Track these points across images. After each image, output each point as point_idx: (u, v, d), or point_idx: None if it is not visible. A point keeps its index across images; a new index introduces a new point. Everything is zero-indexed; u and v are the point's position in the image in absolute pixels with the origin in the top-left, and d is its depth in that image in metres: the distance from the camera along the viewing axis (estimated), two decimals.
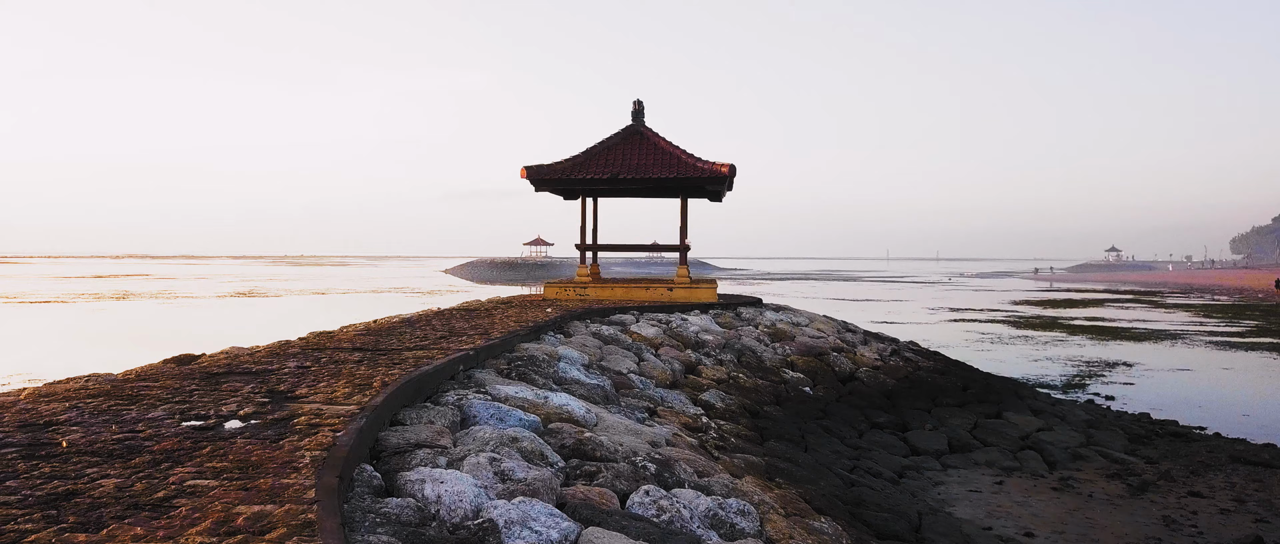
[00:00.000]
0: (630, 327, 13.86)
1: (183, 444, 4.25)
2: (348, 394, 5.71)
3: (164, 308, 45.63)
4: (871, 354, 15.65)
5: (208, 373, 6.82)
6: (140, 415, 5.04)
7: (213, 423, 4.82)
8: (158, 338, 30.54)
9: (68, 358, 24.54)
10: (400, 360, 7.57)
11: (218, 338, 29.74)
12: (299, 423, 4.80)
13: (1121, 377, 23.50)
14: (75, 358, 24.55)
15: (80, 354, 25.80)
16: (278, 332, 32.53)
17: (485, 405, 6.31)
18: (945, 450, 12.58)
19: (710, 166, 16.67)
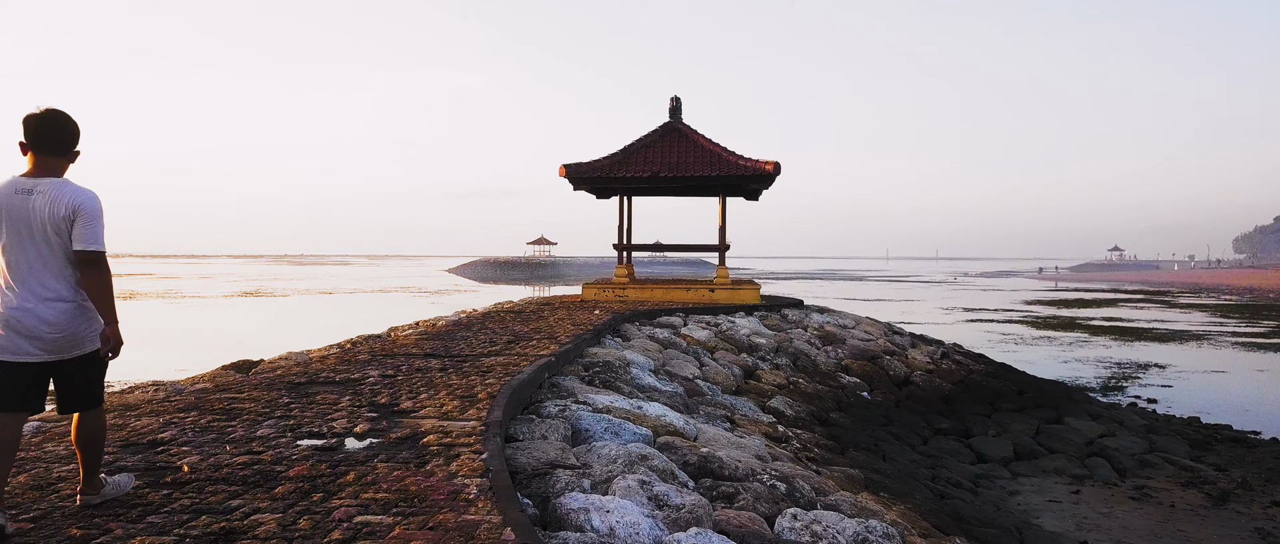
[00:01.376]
0: (681, 329, 13.45)
1: (318, 469, 3.83)
2: (461, 408, 5.30)
3: (173, 308, 45.21)
4: (923, 357, 15.25)
5: (290, 383, 6.41)
6: (248, 433, 4.62)
7: (333, 442, 4.41)
8: (176, 339, 30.10)
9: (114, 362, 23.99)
10: (483, 368, 7.16)
11: (236, 339, 29.26)
12: (429, 443, 4.39)
13: (1157, 379, 23.09)
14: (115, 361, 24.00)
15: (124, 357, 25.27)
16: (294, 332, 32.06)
17: (595, 418, 5.89)
18: (1012, 457, 12.18)
19: (755, 164, 16.26)
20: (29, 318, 3.25)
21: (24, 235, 3.27)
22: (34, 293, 3.27)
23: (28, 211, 3.27)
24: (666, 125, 17.91)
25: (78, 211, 3.29)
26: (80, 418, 3.49)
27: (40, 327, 3.26)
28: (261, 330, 33.79)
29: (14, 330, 3.25)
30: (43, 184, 3.30)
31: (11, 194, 3.29)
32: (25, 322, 3.25)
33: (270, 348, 25.47)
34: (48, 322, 3.27)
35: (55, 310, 3.29)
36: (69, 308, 3.32)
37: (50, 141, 3.34)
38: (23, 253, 3.28)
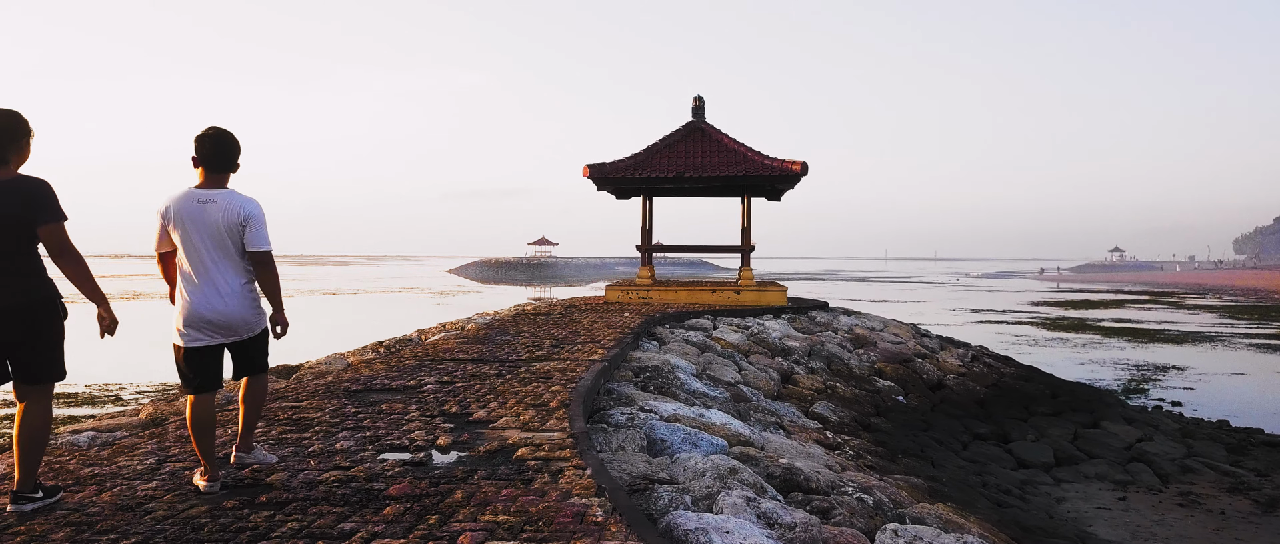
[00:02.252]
0: (712, 332, 13.23)
1: (419, 486, 3.61)
2: (539, 418, 5.08)
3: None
4: (953, 360, 15.05)
5: (348, 391, 6.20)
6: (326, 446, 4.41)
7: (421, 456, 4.19)
8: None
9: (108, 363, 23.83)
10: (540, 373, 6.95)
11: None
12: (523, 456, 4.18)
13: (1178, 381, 22.88)
14: (116, 363, 23.84)
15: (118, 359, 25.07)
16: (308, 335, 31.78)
17: (669, 428, 5.67)
18: (1053, 463, 11.97)
19: (781, 164, 16.05)
20: (211, 309, 3.85)
21: (203, 239, 3.85)
22: (217, 287, 3.86)
23: (205, 218, 3.85)
24: (689, 125, 17.69)
25: (248, 219, 3.90)
26: (249, 381, 4.14)
27: (220, 316, 3.86)
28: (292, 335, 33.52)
29: (201, 320, 3.86)
30: (216, 195, 3.89)
31: (191, 203, 3.87)
32: (209, 313, 3.85)
33: (291, 351, 25.27)
34: (226, 312, 3.86)
35: (230, 301, 3.88)
36: (241, 299, 3.91)
37: (218, 159, 3.94)
38: (203, 254, 3.85)
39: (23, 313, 3.49)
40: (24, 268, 3.51)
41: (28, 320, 3.51)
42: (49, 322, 3.60)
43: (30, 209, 3.47)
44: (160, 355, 25.58)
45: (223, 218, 3.86)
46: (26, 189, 3.50)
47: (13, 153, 3.53)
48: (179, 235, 3.88)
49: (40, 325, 3.56)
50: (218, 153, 3.93)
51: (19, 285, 3.49)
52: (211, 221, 3.85)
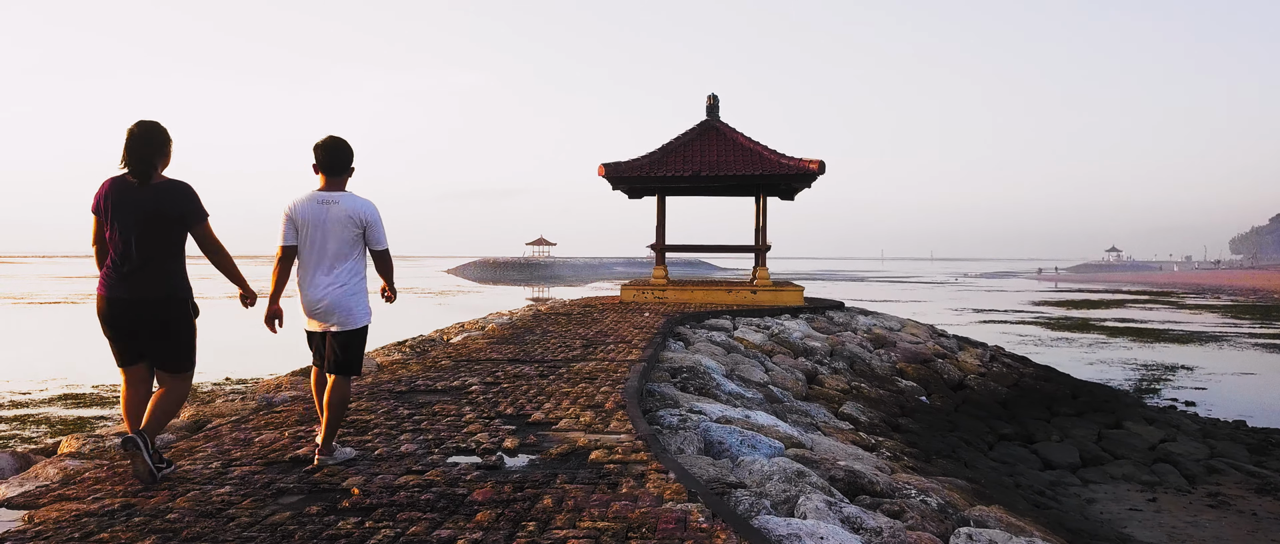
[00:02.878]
0: (734, 333, 13.13)
1: (503, 491, 3.51)
2: (601, 419, 4.98)
3: None
4: (973, 360, 14.97)
5: (394, 392, 6.09)
6: (391, 449, 4.30)
7: (493, 460, 4.08)
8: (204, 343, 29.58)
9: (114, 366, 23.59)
10: (582, 374, 6.86)
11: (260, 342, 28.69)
12: (598, 459, 4.08)
13: (1188, 381, 22.80)
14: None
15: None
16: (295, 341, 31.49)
17: (725, 430, 5.57)
18: (1079, 464, 11.89)
19: (798, 163, 15.95)
20: (322, 298, 4.26)
21: (324, 236, 4.24)
22: (329, 280, 4.25)
23: (327, 218, 4.24)
24: (704, 124, 17.58)
25: (368, 222, 4.31)
26: (335, 381, 4.30)
27: (329, 304, 4.26)
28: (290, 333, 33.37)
29: (313, 308, 4.29)
30: (338, 197, 4.29)
31: (315, 204, 4.27)
32: (320, 302, 4.26)
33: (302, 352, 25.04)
34: (335, 301, 4.26)
35: (342, 292, 4.27)
36: (349, 292, 4.28)
37: (336, 166, 4.33)
38: (322, 249, 4.24)
39: (161, 306, 3.90)
40: (168, 265, 3.92)
41: (164, 314, 3.91)
42: (181, 317, 3.99)
43: (178, 210, 3.90)
44: None
45: (342, 217, 4.24)
46: (174, 192, 3.92)
47: (159, 159, 3.94)
48: (303, 233, 4.27)
49: (174, 320, 3.96)
50: (334, 160, 4.32)
51: (162, 280, 3.90)
52: (330, 221, 4.24)
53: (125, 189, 3.89)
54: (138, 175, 3.89)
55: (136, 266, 3.87)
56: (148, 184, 3.89)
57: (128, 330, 3.94)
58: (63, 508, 3.33)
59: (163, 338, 3.95)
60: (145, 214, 3.86)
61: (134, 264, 3.87)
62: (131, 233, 3.86)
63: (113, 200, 3.89)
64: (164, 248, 3.91)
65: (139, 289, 3.87)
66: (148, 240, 3.87)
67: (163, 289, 3.90)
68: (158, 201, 3.87)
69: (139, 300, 3.88)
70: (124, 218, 3.86)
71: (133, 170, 3.89)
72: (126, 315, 3.91)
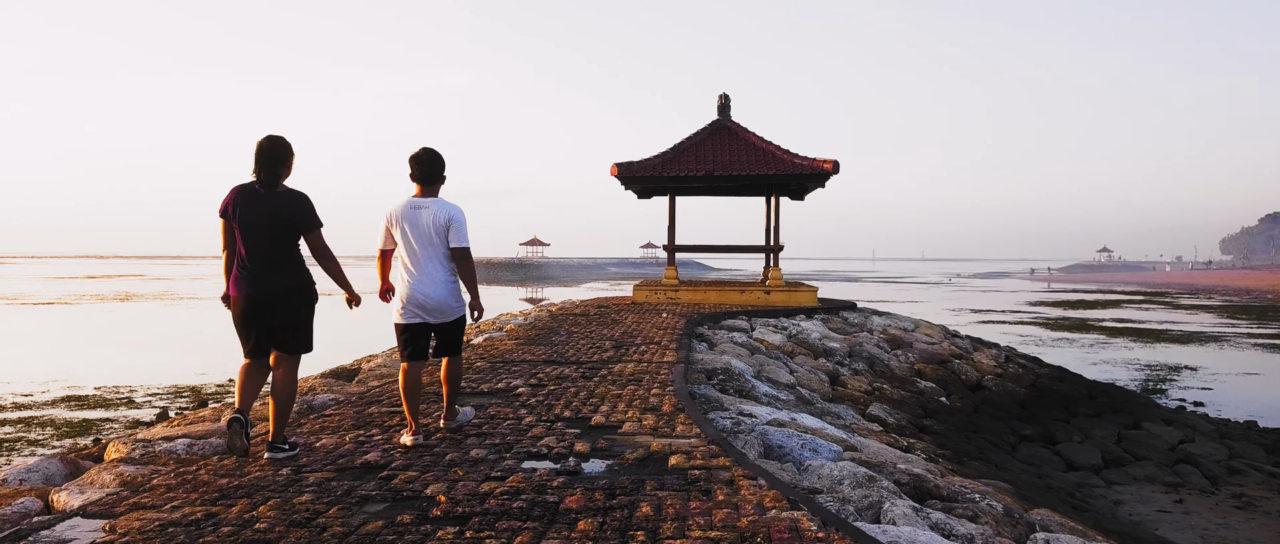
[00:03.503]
0: (752, 333, 13.04)
1: (595, 499, 3.41)
2: (665, 423, 4.88)
3: (174, 309, 44.38)
4: (988, 361, 14.92)
5: (440, 394, 5.97)
6: (461, 455, 4.19)
7: (570, 465, 3.98)
8: (195, 342, 29.38)
9: (117, 365, 23.39)
10: (623, 376, 6.77)
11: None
12: (678, 465, 3.98)
13: (1193, 381, 22.82)
14: (124, 365, 23.42)
15: (126, 361, 24.65)
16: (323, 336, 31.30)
17: (783, 434, 5.48)
18: (1101, 465, 11.85)
19: (812, 163, 15.88)
20: (423, 294, 4.72)
21: (419, 238, 4.71)
22: (427, 277, 4.71)
23: (420, 222, 4.71)
24: (715, 123, 17.49)
25: (452, 221, 4.73)
26: (449, 361, 4.91)
27: (429, 300, 4.72)
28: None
29: (414, 303, 4.73)
30: (429, 203, 4.75)
31: (410, 209, 4.74)
32: (421, 297, 4.72)
33: (327, 350, 24.87)
34: (434, 297, 4.72)
35: (439, 289, 4.73)
36: (445, 288, 4.75)
37: (429, 176, 4.80)
38: (418, 249, 4.71)
39: (288, 295, 4.40)
40: (290, 260, 4.44)
41: (290, 302, 4.42)
42: (305, 304, 4.49)
43: (295, 215, 4.40)
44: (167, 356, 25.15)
45: (433, 221, 4.70)
46: (294, 200, 4.42)
47: (283, 170, 4.41)
48: (399, 235, 4.74)
49: (299, 307, 4.46)
50: (426, 171, 4.78)
51: (286, 273, 4.41)
52: (424, 224, 4.70)
53: (252, 195, 4.36)
54: (264, 184, 4.36)
55: (264, 264, 4.35)
56: (272, 191, 4.37)
57: (258, 322, 4.40)
58: (143, 517, 3.21)
59: (288, 325, 4.44)
60: (270, 218, 4.34)
61: (262, 262, 4.35)
62: (260, 234, 4.34)
63: (241, 206, 4.35)
64: (287, 247, 4.43)
65: (267, 283, 4.35)
66: (274, 241, 4.36)
67: (288, 282, 4.40)
68: (280, 206, 4.36)
69: (267, 293, 4.35)
70: (251, 221, 4.33)
71: (260, 179, 4.36)
72: (257, 308, 4.37)
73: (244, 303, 4.36)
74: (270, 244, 4.35)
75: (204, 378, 20.66)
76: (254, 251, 4.34)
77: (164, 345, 28.12)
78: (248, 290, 4.34)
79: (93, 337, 31.00)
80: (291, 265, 4.42)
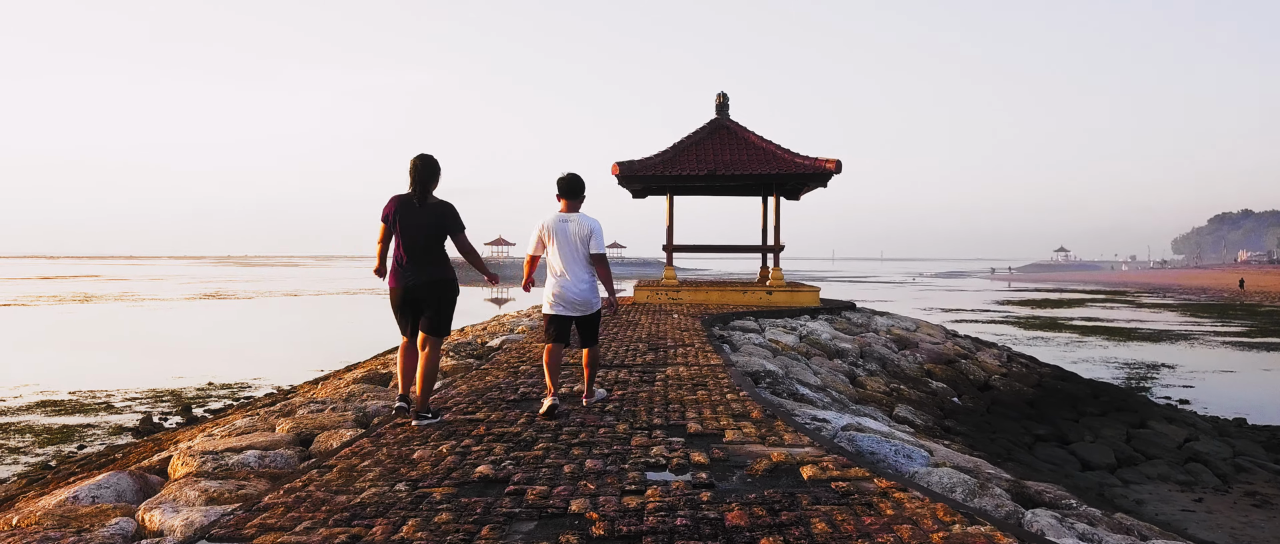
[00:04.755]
0: (765, 334, 12.92)
1: (755, 515, 3.21)
2: (767, 429, 4.69)
3: (138, 311, 43.17)
4: (992, 361, 14.97)
5: (510, 402, 5.77)
6: (577, 467, 3.96)
7: (701, 477, 3.78)
8: (166, 344, 28.55)
9: (90, 370, 22.62)
10: (682, 380, 6.60)
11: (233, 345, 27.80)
12: (816, 475, 3.80)
13: (1173, 379, 23.17)
14: (97, 369, 22.65)
15: (100, 365, 23.85)
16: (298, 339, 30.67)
17: (873, 440, 5.33)
18: (1115, 464, 11.89)
19: (814, 162, 15.81)
20: (569, 292, 5.65)
21: (566, 245, 5.64)
22: (572, 277, 5.63)
23: (568, 232, 5.63)
24: (714, 122, 17.36)
25: (593, 233, 5.64)
26: (588, 351, 5.91)
27: (573, 297, 5.66)
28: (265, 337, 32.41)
29: (562, 299, 5.68)
30: (574, 216, 5.68)
31: (559, 222, 5.66)
32: (567, 294, 5.66)
33: (307, 357, 24.30)
34: (578, 294, 5.66)
35: (582, 288, 5.65)
36: (588, 287, 5.68)
37: (573, 194, 5.71)
38: (565, 255, 5.64)
39: (439, 286, 5.29)
40: (441, 258, 5.36)
41: (440, 292, 5.30)
42: (450, 295, 5.39)
43: (447, 222, 5.30)
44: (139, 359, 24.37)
45: (578, 232, 5.61)
46: (443, 208, 5.31)
47: (433, 184, 5.31)
48: (550, 243, 5.65)
49: (446, 296, 5.35)
50: (571, 190, 5.70)
51: (438, 268, 5.29)
52: (571, 234, 5.61)
53: (409, 205, 5.25)
54: (418, 196, 5.25)
55: (418, 261, 5.23)
56: (425, 202, 5.25)
57: (413, 307, 5.28)
58: (281, 540, 2.95)
59: (436, 309, 5.27)
60: (424, 223, 5.23)
61: (416, 260, 5.23)
62: (415, 237, 5.21)
63: (400, 213, 5.24)
64: (437, 247, 5.32)
65: (422, 276, 5.23)
66: (427, 242, 5.25)
67: (437, 276, 5.27)
68: (432, 214, 5.26)
69: (422, 284, 5.24)
70: (409, 226, 5.21)
71: (415, 192, 5.25)
72: (413, 296, 5.26)
73: (401, 293, 5.26)
74: (424, 245, 5.22)
75: (181, 382, 20.05)
76: (410, 251, 5.21)
77: (133, 348, 27.30)
78: (404, 283, 5.23)
79: (58, 339, 30.00)
80: (440, 263, 5.31)
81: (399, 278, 5.24)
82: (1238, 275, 78.40)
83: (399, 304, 5.29)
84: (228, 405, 17.25)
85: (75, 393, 18.29)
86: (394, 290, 5.27)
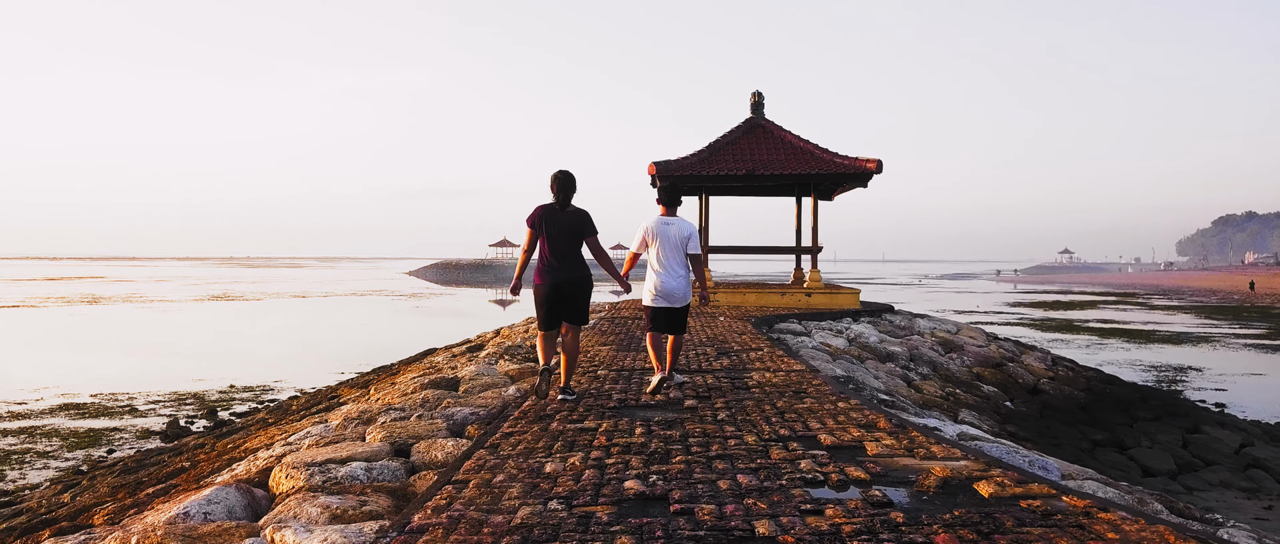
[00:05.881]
0: (814, 336, 12.65)
1: (961, 536, 2.93)
2: (908, 441, 4.42)
3: (148, 312, 42.88)
4: (1038, 364, 14.70)
5: (611, 408, 5.51)
6: (733, 482, 3.69)
7: (876, 495, 3.52)
8: (181, 346, 28.27)
9: (112, 375, 22.36)
10: (776, 387, 6.34)
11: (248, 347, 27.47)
12: (995, 493, 3.52)
13: (1204, 382, 22.85)
14: (119, 375, 22.39)
15: (122, 370, 23.59)
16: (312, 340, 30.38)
17: (1006, 451, 5.08)
18: (1175, 470, 11.62)
19: (854, 162, 15.54)
20: (668, 286, 6.39)
21: (668, 246, 6.35)
22: (671, 274, 6.38)
23: (669, 234, 6.35)
24: (749, 121, 17.09)
25: (690, 235, 6.40)
26: (674, 338, 6.48)
27: (672, 291, 6.40)
28: (279, 338, 32.10)
29: (660, 293, 6.39)
30: (674, 220, 6.43)
31: (662, 225, 6.39)
32: (667, 288, 6.39)
33: (325, 359, 24.02)
34: (676, 289, 6.41)
35: (679, 282, 6.40)
36: (684, 281, 6.42)
37: (673, 203, 6.50)
38: (667, 254, 6.36)
39: (580, 283, 6.13)
40: (580, 258, 6.16)
41: (581, 288, 6.14)
42: (587, 289, 6.21)
43: (584, 227, 6.11)
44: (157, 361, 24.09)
45: (677, 234, 6.38)
46: (581, 216, 6.12)
47: (572, 194, 6.10)
48: (653, 243, 6.39)
49: (585, 291, 6.19)
50: (672, 199, 6.52)
51: (579, 267, 6.13)
52: (672, 236, 6.37)
53: (553, 212, 6.06)
54: (561, 204, 6.06)
55: (562, 262, 6.05)
56: (566, 210, 6.05)
57: (557, 301, 6.06)
58: None
59: (576, 302, 6.12)
60: (567, 229, 6.04)
61: (560, 260, 6.05)
62: (559, 241, 6.02)
63: (546, 219, 6.04)
64: (577, 249, 6.11)
65: (565, 273, 6.05)
66: (569, 245, 6.06)
67: (579, 272, 6.12)
68: (573, 221, 6.07)
69: (565, 281, 6.05)
70: (554, 230, 6.02)
71: (558, 201, 6.06)
72: (557, 291, 6.05)
73: (547, 289, 6.05)
74: (566, 247, 6.02)
75: (202, 384, 19.79)
76: (555, 252, 6.03)
77: (148, 350, 27.03)
78: (551, 280, 6.02)
79: (71, 341, 29.72)
80: (580, 262, 6.13)
81: (545, 276, 6.03)
82: (1247, 278, 78.09)
83: (545, 298, 6.05)
84: (252, 408, 17.00)
85: (96, 396, 18.03)
86: (540, 286, 6.06)
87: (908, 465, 3.99)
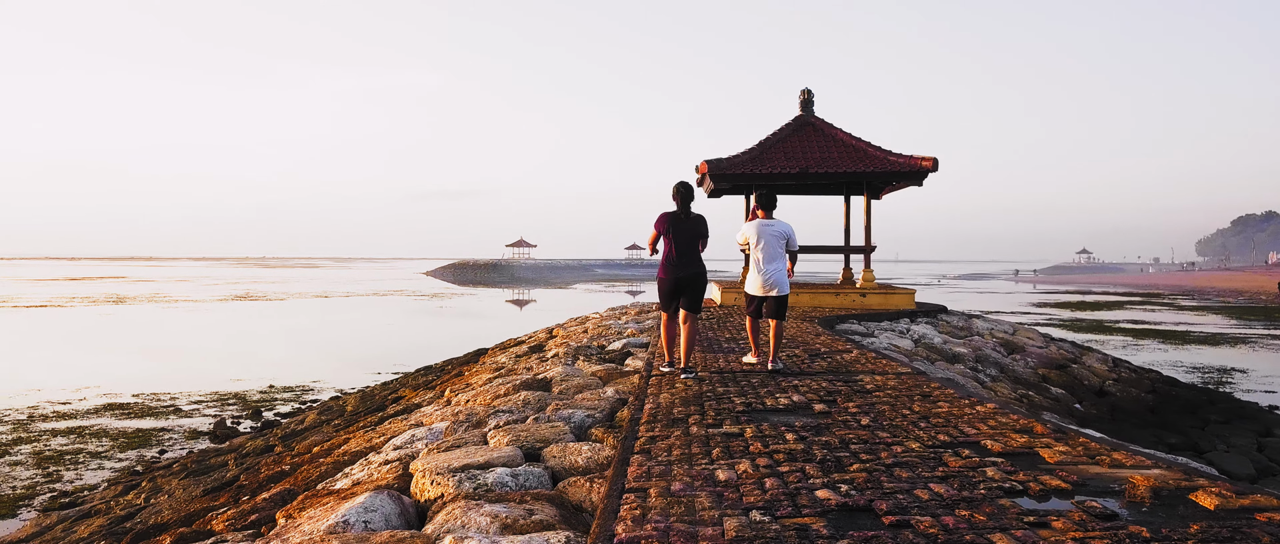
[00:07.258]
0: (879, 338, 12.43)
1: None
2: (1081, 449, 4.21)
3: (175, 312, 42.94)
4: (1102, 366, 14.42)
5: (740, 414, 5.30)
6: (932, 494, 3.49)
7: (1096, 507, 3.31)
8: (215, 346, 28.23)
9: (154, 376, 22.32)
10: (895, 389, 6.11)
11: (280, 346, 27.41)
12: (1215, 505, 3.32)
13: (1252, 384, 22.45)
14: (159, 375, 22.34)
15: (162, 370, 23.55)
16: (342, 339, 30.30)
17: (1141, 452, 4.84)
18: (1255, 475, 11.34)
19: (909, 160, 15.30)
20: (769, 278, 7.47)
21: (770, 244, 7.48)
22: (773, 268, 7.47)
23: (771, 233, 7.48)
24: (799, 119, 16.87)
25: (789, 235, 7.52)
26: (776, 324, 7.53)
27: (771, 282, 7.46)
28: (310, 338, 32.03)
29: (772, 281, 7.45)
30: (774, 222, 7.53)
31: (764, 226, 7.52)
32: (775, 278, 7.46)
33: (360, 359, 23.93)
34: (775, 279, 7.47)
35: (779, 274, 7.48)
36: (782, 275, 7.49)
37: (770, 206, 7.61)
38: (769, 250, 7.48)
39: (698, 278, 7.13)
40: (698, 257, 7.15)
41: (698, 281, 7.13)
42: (702, 283, 7.20)
43: (701, 230, 7.10)
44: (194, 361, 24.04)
45: (779, 233, 7.45)
46: (700, 221, 7.13)
47: (692, 201, 7.12)
48: (758, 242, 7.45)
49: (700, 284, 7.17)
50: (769, 205, 7.54)
51: (696, 265, 7.12)
52: (773, 235, 7.43)
53: (677, 217, 7.03)
54: (682, 210, 7.04)
55: (684, 260, 7.07)
56: (687, 216, 7.05)
57: (678, 293, 7.11)
58: None
59: (694, 294, 7.12)
60: (688, 232, 7.04)
61: (683, 258, 7.07)
62: (682, 242, 7.02)
63: (672, 224, 7.01)
64: (696, 249, 7.11)
65: (687, 270, 7.07)
66: (691, 245, 7.07)
67: (696, 268, 7.13)
68: (693, 225, 7.07)
69: (686, 277, 7.08)
70: (679, 233, 7.02)
71: (681, 207, 7.03)
72: (680, 285, 7.07)
73: (672, 282, 7.10)
74: (687, 247, 7.03)
75: (242, 384, 19.73)
76: (679, 251, 7.03)
77: (182, 349, 27.01)
78: (675, 275, 7.06)
79: (104, 341, 29.75)
80: (697, 260, 7.12)
81: (669, 271, 7.08)
82: (1272, 278, 77.26)
83: (669, 290, 7.13)
84: (296, 409, 16.91)
85: (138, 395, 17.99)
86: (664, 280, 7.12)
87: (1100, 474, 3.79)
